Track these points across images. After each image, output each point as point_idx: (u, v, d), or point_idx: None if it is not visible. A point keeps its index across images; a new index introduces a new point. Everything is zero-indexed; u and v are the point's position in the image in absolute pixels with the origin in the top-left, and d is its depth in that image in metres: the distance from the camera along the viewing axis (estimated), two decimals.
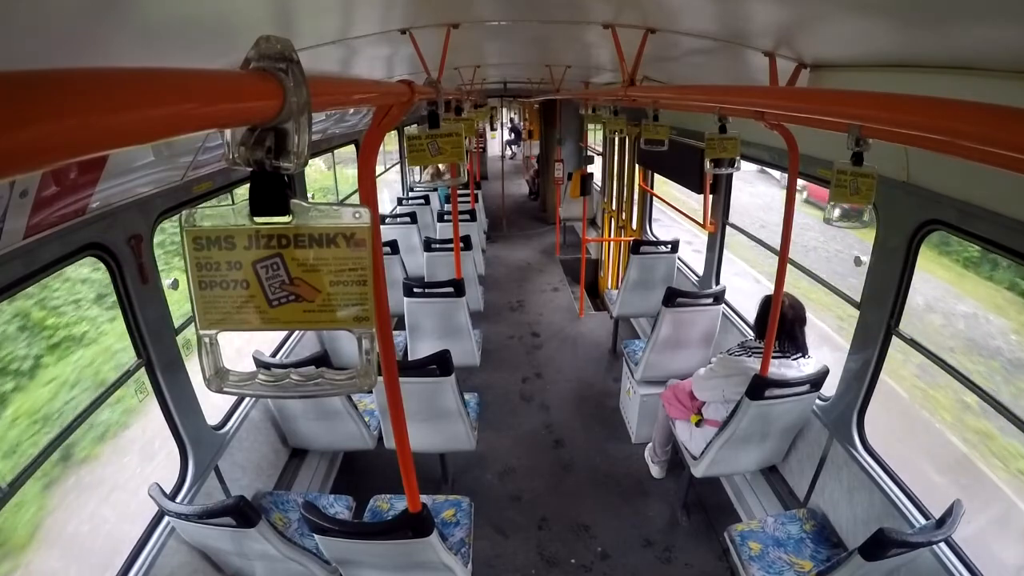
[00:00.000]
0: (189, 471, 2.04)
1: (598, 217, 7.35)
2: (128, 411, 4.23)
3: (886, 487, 1.94)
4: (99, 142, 0.29)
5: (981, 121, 0.58)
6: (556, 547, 2.67)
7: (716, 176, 3.38)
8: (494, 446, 3.37)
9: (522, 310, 5.55)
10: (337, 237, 0.53)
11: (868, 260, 2.05)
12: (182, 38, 1.10)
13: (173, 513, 1.62)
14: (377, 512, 2.22)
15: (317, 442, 2.67)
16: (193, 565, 1.87)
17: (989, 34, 1.03)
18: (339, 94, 0.85)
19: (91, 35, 0.88)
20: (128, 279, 1.78)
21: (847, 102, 0.87)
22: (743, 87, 1.42)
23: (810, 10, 1.29)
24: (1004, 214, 1.46)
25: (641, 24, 1.79)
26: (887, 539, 1.41)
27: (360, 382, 0.58)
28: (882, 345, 2.00)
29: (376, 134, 1.24)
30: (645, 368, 3.20)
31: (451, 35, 1.91)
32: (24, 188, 1.20)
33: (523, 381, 4.17)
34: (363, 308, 0.55)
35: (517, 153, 16.07)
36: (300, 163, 0.47)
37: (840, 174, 1.36)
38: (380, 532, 1.49)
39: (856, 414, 2.12)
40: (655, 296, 3.59)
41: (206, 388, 0.57)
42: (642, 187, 5.20)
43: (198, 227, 0.52)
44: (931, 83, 1.30)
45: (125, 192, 1.70)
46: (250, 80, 0.43)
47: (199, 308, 0.54)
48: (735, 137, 2.03)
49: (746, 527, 2.13)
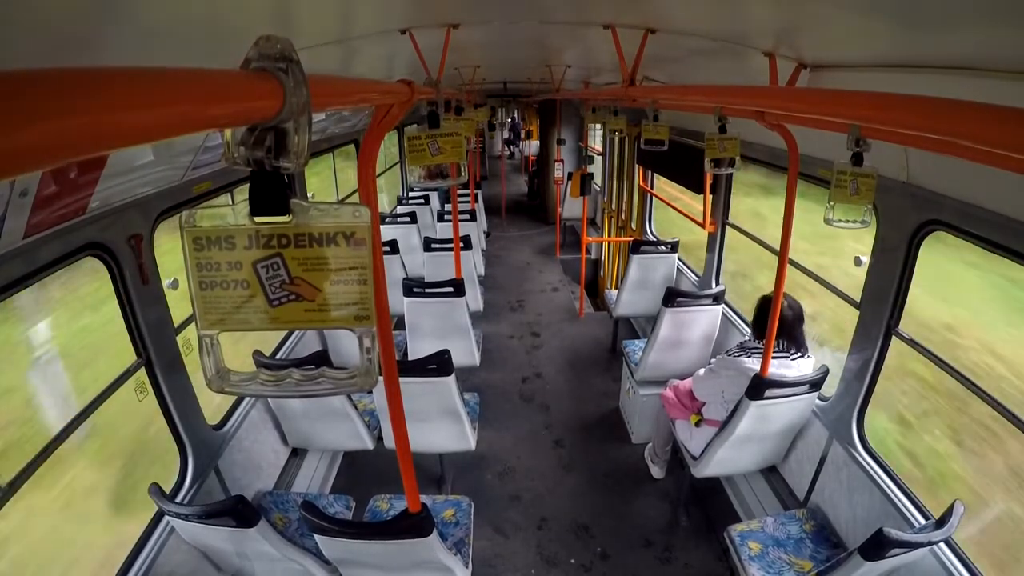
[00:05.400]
0: (189, 471, 2.04)
1: (598, 217, 7.36)
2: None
3: (886, 487, 1.94)
4: (99, 142, 0.29)
5: (981, 121, 0.58)
6: (556, 547, 2.67)
7: (716, 176, 3.39)
8: (494, 446, 3.37)
9: (522, 310, 5.55)
10: (337, 236, 0.53)
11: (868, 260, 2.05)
12: (182, 38, 1.09)
13: (173, 513, 1.62)
14: (377, 512, 2.22)
15: (317, 442, 2.67)
16: (193, 565, 1.87)
17: (989, 34, 1.03)
18: (339, 94, 0.85)
19: (91, 35, 0.88)
20: (128, 279, 1.78)
21: (847, 102, 0.87)
22: (743, 87, 1.42)
23: (810, 10, 1.29)
24: (1004, 214, 1.46)
25: (641, 24, 1.79)
26: (887, 539, 1.41)
27: (361, 381, 0.58)
28: (882, 345, 2.00)
29: (376, 134, 1.24)
30: (645, 368, 3.20)
31: (451, 35, 1.91)
32: (24, 188, 1.20)
33: (523, 381, 4.17)
34: (363, 307, 0.55)
35: (516, 153, 16.06)
36: (300, 163, 0.47)
37: (840, 174, 1.36)
38: (380, 532, 1.49)
39: (856, 414, 2.12)
40: (655, 296, 3.59)
41: (207, 388, 0.57)
42: (642, 187, 5.20)
43: (198, 227, 0.52)
44: (931, 83, 1.29)
45: (125, 192, 1.70)
46: (250, 80, 0.43)
47: (199, 308, 0.54)
48: (735, 137, 2.03)
49: (746, 527, 2.13)
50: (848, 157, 1.27)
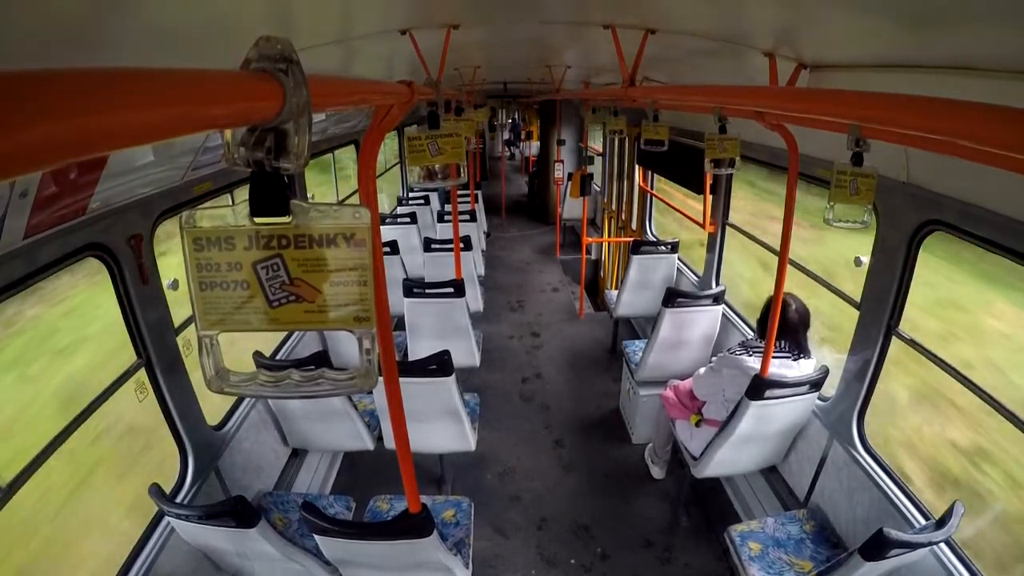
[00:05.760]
0: (189, 471, 2.04)
1: (598, 217, 7.36)
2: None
3: (886, 487, 1.94)
4: (99, 142, 0.29)
5: (981, 121, 0.58)
6: (556, 547, 2.67)
7: (716, 176, 3.39)
8: (494, 446, 3.37)
9: (522, 310, 5.55)
10: (337, 237, 0.53)
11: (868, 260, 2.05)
12: (182, 38, 1.10)
13: (173, 513, 1.62)
14: (377, 512, 2.22)
15: (317, 442, 2.67)
16: (193, 565, 1.87)
17: (989, 34, 1.03)
18: (339, 94, 0.85)
19: (91, 35, 0.88)
20: (128, 279, 1.78)
21: (847, 102, 0.87)
22: (743, 87, 1.42)
23: (810, 10, 1.29)
24: (1004, 214, 1.46)
25: (641, 24, 1.79)
26: (887, 539, 1.41)
27: (361, 382, 0.58)
28: (882, 345, 2.00)
29: (376, 134, 1.24)
30: (645, 368, 3.20)
31: (451, 35, 1.91)
32: (24, 188, 1.20)
33: (523, 381, 4.16)
34: (363, 308, 0.55)
35: (516, 153, 16.05)
36: (300, 163, 0.47)
37: (840, 174, 1.36)
38: (380, 532, 1.49)
39: (856, 414, 2.12)
40: (655, 296, 3.59)
41: (207, 388, 0.57)
42: (642, 187, 5.20)
43: (198, 228, 0.52)
44: (931, 83, 1.30)
45: (125, 192, 1.70)
46: (250, 80, 0.43)
47: (199, 309, 0.54)
48: (735, 137, 2.03)
49: (746, 527, 2.13)
50: (848, 157, 1.27)
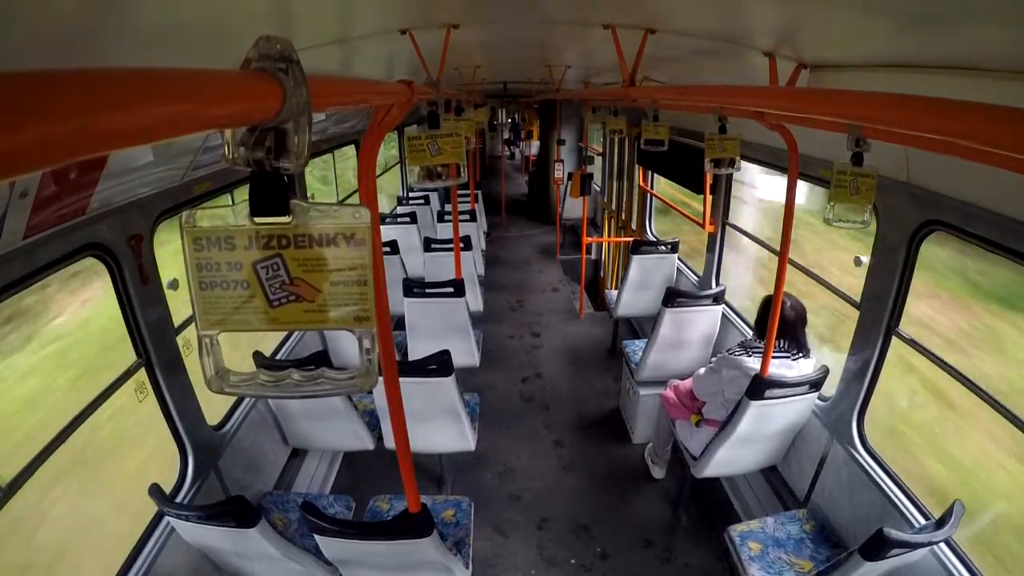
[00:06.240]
0: (189, 471, 2.04)
1: (598, 217, 7.35)
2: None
3: (886, 487, 1.94)
4: (99, 142, 0.29)
5: (981, 121, 0.58)
6: (556, 547, 2.67)
7: (716, 176, 3.39)
8: (494, 446, 3.37)
9: (522, 310, 5.55)
10: (337, 237, 0.53)
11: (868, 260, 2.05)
12: (182, 38, 1.10)
13: (173, 513, 1.62)
14: (377, 512, 2.22)
15: (317, 442, 2.67)
16: (193, 565, 1.87)
17: (989, 34, 1.03)
18: (339, 94, 0.85)
19: (91, 35, 0.88)
20: (128, 279, 1.78)
21: (847, 102, 0.87)
22: (743, 87, 1.42)
23: (810, 10, 1.29)
24: (1004, 214, 1.46)
25: (641, 24, 1.79)
26: (887, 539, 1.41)
27: (361, 382, 0.58)
28: (882, 345, 2.00)
29: (376, 134, 1.24)
30: (645, 368, 3.20)
31: (451, 35, 1.91)
32: (24, 188, 1.20)
33: (523, 381, 4.16)
34: (363, 308, 0.55)
35: (516, 153, 16.05)
36: (300, 163, 0.47)
37: (840, 174, 1.36)
38: (380, 532, 1.49)
39: (856, 414, 2.12)
40: (655, 296, 3.60)
41: (207, 388, 0.57)
42: (642, 187, 5.20)
43: (198, 227, 0.52)
44: (931, 83, 1.30)
45: (125, 192, 1.70)
46: (250, 80, 0.43)
47: (199, 309, 0.54)
48: (735, 137, 2.03)
49: (746, 527, 2.13)
50: (848, 157, 1.27)
